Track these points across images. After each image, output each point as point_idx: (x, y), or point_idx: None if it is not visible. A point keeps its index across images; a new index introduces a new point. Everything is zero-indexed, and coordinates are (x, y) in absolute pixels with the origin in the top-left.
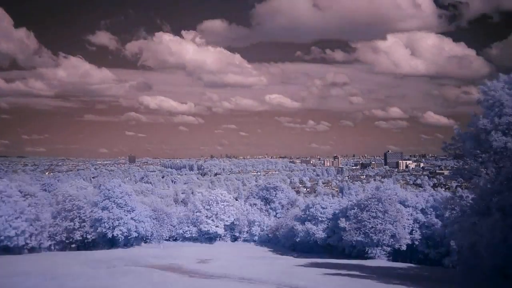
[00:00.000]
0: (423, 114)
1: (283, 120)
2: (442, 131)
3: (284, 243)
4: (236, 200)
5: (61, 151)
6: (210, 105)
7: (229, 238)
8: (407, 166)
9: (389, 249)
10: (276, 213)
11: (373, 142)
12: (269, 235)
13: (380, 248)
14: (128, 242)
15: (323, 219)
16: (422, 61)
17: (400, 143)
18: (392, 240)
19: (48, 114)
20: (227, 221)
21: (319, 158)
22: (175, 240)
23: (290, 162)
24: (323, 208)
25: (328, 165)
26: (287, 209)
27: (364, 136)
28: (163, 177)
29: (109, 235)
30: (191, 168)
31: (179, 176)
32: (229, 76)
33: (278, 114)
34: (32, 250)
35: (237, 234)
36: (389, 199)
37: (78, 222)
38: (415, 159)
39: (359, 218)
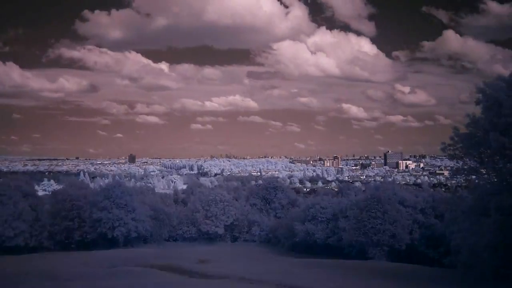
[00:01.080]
0: None
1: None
2: None
3: (284, 243)
4: (236, 200)
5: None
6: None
7: (229, 238)
8: (407, 166)
9: (388, 249)
10: (276, 213)
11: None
12: (269, 235)
13: (379, 248)
14: (128, 242)
15: (323, 219)
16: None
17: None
18: (391, 240)
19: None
20: (226, 221)
21: (319, 158)
22: (175, 240)
23: (290, 162)
24: (323, 208)
25: (328, 165)
26: (287, 209)
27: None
28: (163, 177)
29: (109, 235)
30: (191, 168)
31: (179, 176)
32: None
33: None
34: (31, 250)
35: (237, 234)
36: (389, 199)
37: (78, 222)
38: (415, 159)
39: (359, 218)
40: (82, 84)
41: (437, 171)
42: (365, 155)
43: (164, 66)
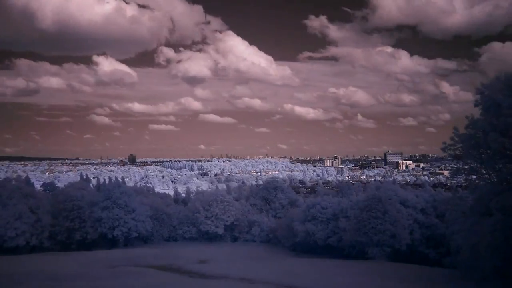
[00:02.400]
0: None
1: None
2: None
3: (284, 243)
4: (236, 200)
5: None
6: None
7: (229, 239)
8: (407, 166)
9: (389, 249)
10: (276, 213)
11: None
12: (269, 235)
13: (380, 248)
14: (128, 242)
15: (323, 219)
16: None
17: None
18: (392, 240)
19: None
20: (227, 221)
21: (319, 158)
22: (175, 240)
23: (290, 162)
24: (323, 208)
25: (328, 165)
26: (287, 209)
27: None
28: (163, 177)
29: (109, 235)
30: (191, 169)
31: (179, 176)
32: None
33: None
34: (32, 250)
35: (237, 234)
36: (389, 199)
37: (78, 222)
38: (415, 159)
39: (359, 218)
40: None
41: (437, 171)
42: (365, 155)
43: None
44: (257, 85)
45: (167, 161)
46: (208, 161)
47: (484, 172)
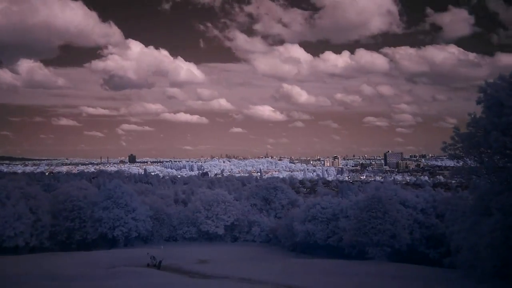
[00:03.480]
0: None
1: None
2: None
3: (284, 243)
4: (236, 200)
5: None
6: None
7: (229, 239)
8: (407, 166)
9: (389, 249)
10: (276, 213)
11: None
12: (269, 235)
13: (380, 248)
14: (128, 242)
15: (323, 219)
16: None
17: None
18: (392, 240)
19: None
20: (227, 221)
21: (319, 159)
22: (175, 240)
23: (290, 162)
24: (323, 208)
25: (328, 165)
26: (287, 209)
27: None
28: (163, 177)
29: (110, 235)
30: (191, 169)
31: (179, 176)
32: None
33: None
34: (32, 250)
35: (237, 235)
36: (389, 199)
37: (79, 223)
38: (415, 159)
39: (359, 218)
40: None
41: (437, 171)
42: (365, 155)
43: None
44: None
45: (167, 161)
46: (208, 161)
47: (484, 172)
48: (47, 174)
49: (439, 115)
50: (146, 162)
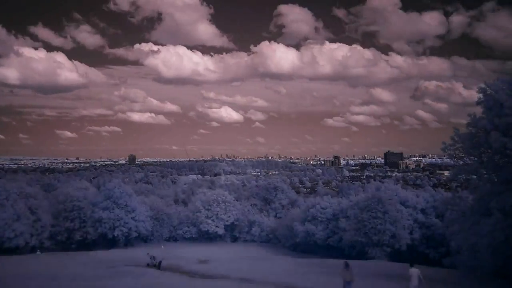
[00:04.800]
0: None
1: None
2: None
3: (284, 243)
4: (236, 200)
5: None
6: None
7: (229, 239)
8: (407, 166)
9: (389, 249)
10: (276, 213)
11: None
12: (269, 235)
13: (380, 248)
14: (128, 242)
15: (323, 219)
16: None
17: None
18: (392, 240)
19: None
20: (227, 221)
21: (319, 159)
22: (175, 240)
23: (290, 162)
24: (323, 208)
25: (328, 165)
26: (287, 209)
27: None
28: (163, 177)
29: (110, 235)
30: (191, 169)
31: (179, 176)
32: None
33: None
34: (32, 250)
35: (237, 235)
36: (389, 199)
37: (79, 223)
38: (415, 159)
39: (359, 218)
40: None
41: (437, 171)
42: (365, 155)
43: None
44: None
45: (167, 161)
46: (208, 161)
47: (485, 172)
48: (46, 174)
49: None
50: (146, 162)
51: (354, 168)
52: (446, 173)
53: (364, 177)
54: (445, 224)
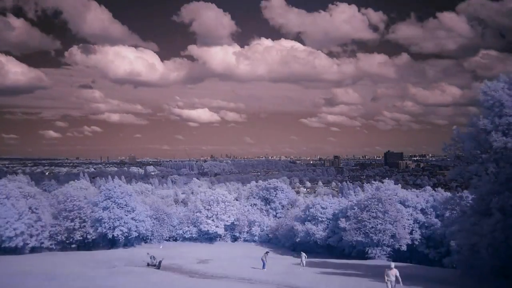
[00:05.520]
0: None
1: None
2: None
3: (284, 243)
4: (236, 200)
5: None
6: None
7: (229, 238)
8: (407, 166)
9: (389, 249)
10: (276, 213)
11: None
12: (269, 235)
13: (380, 248)
14: (128, 242)
15: (323, 219)
16: None
17: None
18: (392, 240)
19: None
20: (227, 221)
21: (319, 159)
22: (175, 240)
23: (290, 162)
24: (323, 208)
25: (328, 165)
26: (287, 209)
27: None
28: (163, 177)
29: (110, 235)
30: (191, 168)
31: (179, 176)
32: None
33: None
34: (32, 250)
35: (237, 234)
36: (389, 199)
37: (79, 222)
38: (415, 159)
39: (359, 218)
40: None
41: (437, 171)
42: (365, 155)
43: None
44: None
45: (167, 161)
46: (208, 161)
47: (484, 172)
48: (46, 174)
49: None
50: (146, 162)
51: (354, 168)
52: (446, 173)
53: (364, 177)
54: (445, 224)
